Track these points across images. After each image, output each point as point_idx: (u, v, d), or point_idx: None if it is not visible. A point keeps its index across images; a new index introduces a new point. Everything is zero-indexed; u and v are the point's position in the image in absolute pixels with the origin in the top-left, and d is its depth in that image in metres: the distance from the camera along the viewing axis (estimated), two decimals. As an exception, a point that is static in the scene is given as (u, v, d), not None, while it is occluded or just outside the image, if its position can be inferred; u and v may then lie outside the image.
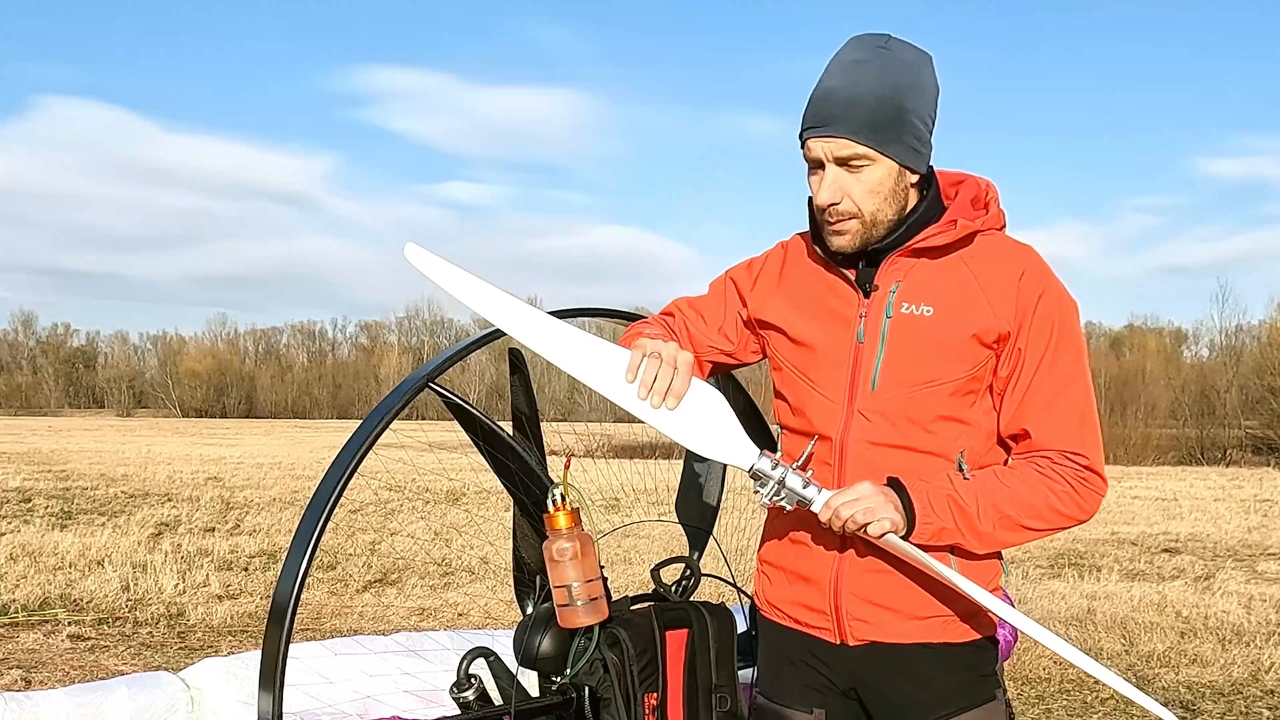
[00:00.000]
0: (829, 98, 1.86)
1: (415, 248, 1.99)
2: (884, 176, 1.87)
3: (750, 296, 2.11)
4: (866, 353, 1.93)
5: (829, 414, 1.95)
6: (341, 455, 2.01)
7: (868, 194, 1.87)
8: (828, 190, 1.88)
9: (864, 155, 1.85)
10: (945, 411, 1.91)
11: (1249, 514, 15.10)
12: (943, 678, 1.97)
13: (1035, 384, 1.90)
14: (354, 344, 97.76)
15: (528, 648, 2.23)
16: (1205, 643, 6.88)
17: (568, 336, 1.97)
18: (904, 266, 1.93)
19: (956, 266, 1.93)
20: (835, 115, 1.84)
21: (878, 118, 1.83)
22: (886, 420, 1.91)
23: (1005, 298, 1.89)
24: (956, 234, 1.91)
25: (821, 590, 1.98)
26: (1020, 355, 1.90)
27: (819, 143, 1.87)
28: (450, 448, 2.76)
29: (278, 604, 1.92)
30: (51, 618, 7.26)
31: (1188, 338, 54.94)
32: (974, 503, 1.87)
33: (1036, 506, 1.89)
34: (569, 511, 2.19)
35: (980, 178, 2.03)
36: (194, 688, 2.26)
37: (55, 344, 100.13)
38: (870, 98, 1.83)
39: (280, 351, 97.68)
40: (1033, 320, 1.89)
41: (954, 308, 1.90)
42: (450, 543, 10.80)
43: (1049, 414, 1.90)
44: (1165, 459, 35.67)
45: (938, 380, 1.90)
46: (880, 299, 1.93)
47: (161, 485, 16.78)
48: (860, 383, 1.93)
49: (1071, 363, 1.91)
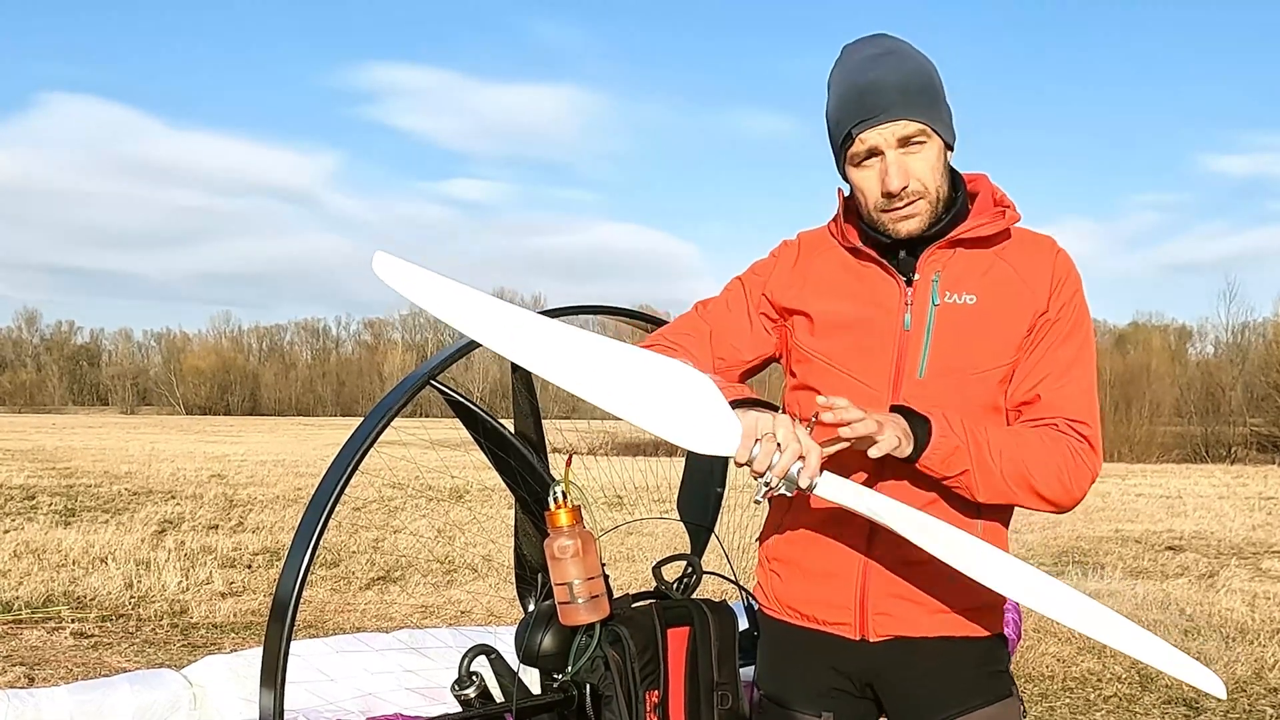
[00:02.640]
0: (875, 87, 1.88)
1: (385, 257, 1.85)
2: (938, 154, 1.92)
3: (769, 284, 2.07)
4: (913, 341, 1.92)
5: (871, 402, 1.88)
6: (342, 453, 2.01)
7: (929, 171, 1.90)
8: (897, 174, 1.88)
9: (924, 131, 1.88)
10: (989, 400, 1.93)
11: (1253, 512, 15.08)
12: (960, 673, 1.96)
13: (1051, 354, 1.93)
14: (358, 341, 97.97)
15: (529, 645, 2.23)
16: (1209, 641, 6.88)
17: (570, 341, 1.85)
18: (942, 257, 1.95)
19: (991, 258, 1.96)
20: (889, 101, 1.87)
21: (925, 96, 1.89)
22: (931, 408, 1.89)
23: (1042, 278, 1.94)
24: (1003, 224, 1.95)
25: (846, 585, 1.96)
26: (1048, 327, 1.94)
27: (875, 131, 1.88)
28: (453, 445, 2.75)
29: (279, 601, 1.92)
30: (55, 615, 7.28)
31: (1193, 335, 54.97)
32: (988, 438, 1.86)
33: (1045, 464, 1.88)
34: (570, 509, 2.19)
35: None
36: (197, 685, 2.26)
37: (59, 341, 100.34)
38: (914, 80, 1.89)
39: (284, 349, 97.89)
40: (1061, 296, 1.95)
41: (996, 295, 1.93)
42: (453, 540, 10.81)
43: (1061, 381, 1.93)
44: (1170, 456, 35.67)
45: (984, 368, 1.92)
46: (924, 287, 1.94)
47: (165, 483, 16.81)
48: (906, 371, 1.92)
49: (1084, 341, 1.96)
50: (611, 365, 1.85)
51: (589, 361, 1.84)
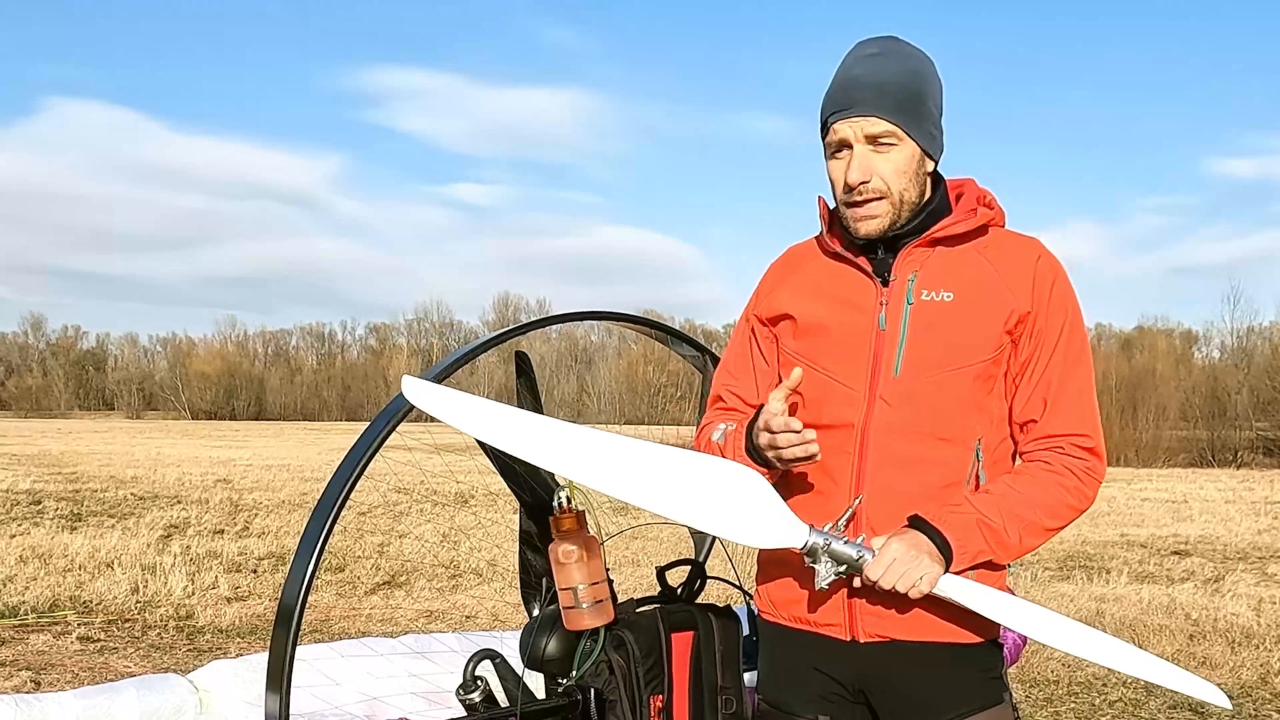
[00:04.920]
0: (856, 82, 1.93)
1: (415, 381, 1.91)
2: (908, 158, 1.94)
3: (757, 307, 2.14)
4: (888, 339, 1.96)
5: (849, 401, 1.96)
6: (347, 459, 2.02)
7: (895, 173, 1.93)
8: (858, 168, 1.93)
9: (892, 133, 1.92)
10: (967, 397, 1.94)
11: (1259, 516, 15.05)
12: (953, 678, 1.97)
13: (1050, 367, 1.95)
14: (363, 346, 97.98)
15: (534, 650, 2.24)
16: (1214, 645, 6.86)
17: (616, 451, 1.90)
18: (920, 256, 1.98)
19: (971, 255, 1.98)
20: (864, 97, 1.91)
21: (903, 99, 1.92)
22: (909, 406, 1.93)
23: (1022, 281, 1.95)
24: (977, 221, 1.98)
25: (835, 584, 1.97)
26: (1040, 337, 1.95)
27: (847, 124, 1.93)
28: (458, 450, 2.76)
29: (284, 606, 1.92)
30: (61, 619, 7.29)
31: (1198, 339, 54.90)
32: (998, 517, 1.91)
33: (1052, 506, 1.94)
34: (575, 514, 2.19)
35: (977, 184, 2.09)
36: (202, 689, 2.27)
37: (65, 346, 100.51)
38: (895, 81, 1.92)
39: (289, 353, 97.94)
40: (1049, 303, 1.96)
41: (973, 293, 1.95)
42: (458, 545, 10.81)
43: (1060, 397, 1.95)
44: (1175, 461, 35.60)
45: (960, 364, 1.93)
46: (899, 287, 1.97)
47: (171, 487, 16.84)
48: (883, 369, 1.95)
49: (1081, 348, 1.99)
50: (661, 471, 1.91)
51: (638, 470, 1.90)
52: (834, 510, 1.94)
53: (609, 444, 1.90)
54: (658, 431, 2.01)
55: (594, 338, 76.50)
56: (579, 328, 71.32)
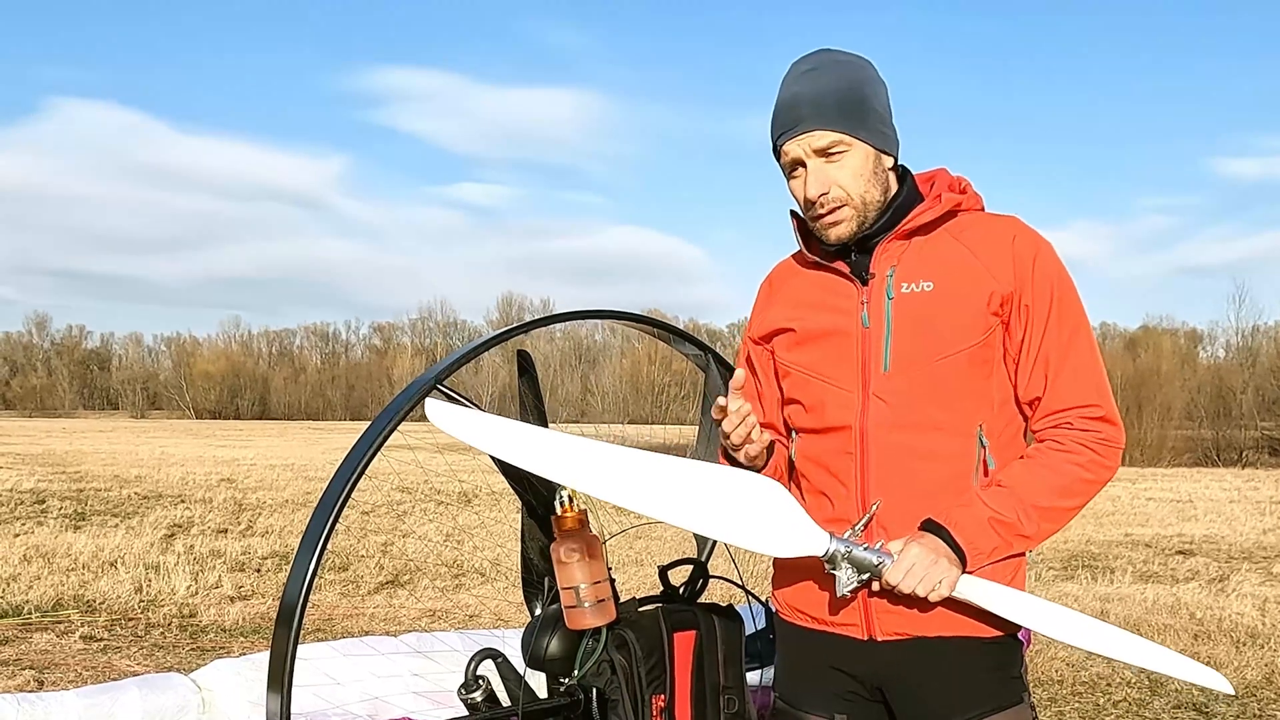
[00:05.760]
0: (795, 101, 1.97)
1: (437, 404, 1.98)
2: (862, 160, 1.96)
3: (751, 329, 2.18)
4: (874, 337, 1.97)
5: (844, 403, 1.98)
6: (349, 458, 2.01)
7: (852, 178, 1.96)
8: (815, 183, 1.96)
9: (840, 141, 1.94)
10: (962, 385, 1.94)
11: (1264, 516, 15.02)
12: (972, 676, 1.96)
13: (1046, 341, 1.95)
14: (367, 345, 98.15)
15: (535, 649, 2.24)
16: (1219, 645, 6.85)
17: (637, 465, 1.92)
18: (896, 250, 2.00)
19: (947, 241, 1.99)
20: (805, 113, 1.95)
21: (843, 106, 1.94)
22: (903, 400, 1.94)
23: (1001, 261, 1.95)
24: (943, 208, 1.99)
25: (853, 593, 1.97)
26: (1028, 313, 1.95)
27: (795, 143, 1.97)
28: (461, 450, 2.76)
29: (286, 605, 1.92)
30: (64, 618, 7.30)
31: (1203, 339, 54.81)
32: (1011, 511, 1.90)
33: (1068, 486, 1.93)
34: (577, 513, 2.19)
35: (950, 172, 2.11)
36: (205, 689, 2.27)
37: (69, 346, 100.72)
38: (832, 90, 1.95)
39: (293, 353, 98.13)
40: (1033, 278, 1.95)
41: (953, 278, 1.95)
42: (460, 545, 10.81)
43: (1062, 371, 1.94)
44: (1180, 460, 35.55)
45: (949, 352, 1.93)
46: (879, 283, 1.98)
47: (175, 487, 16.86)
48: (872, 367, 1.96)
49: (1075, 316, 1.97)
50: (684, 486, 1.93)
51: (663, 485, 1.92)
52: (844, 512, 1.95)
53: (633, 461, 1.92)
54: (661, 431, 2.01)
55: (598, 337, 76.64)
56: (583, 327, 71.34)
